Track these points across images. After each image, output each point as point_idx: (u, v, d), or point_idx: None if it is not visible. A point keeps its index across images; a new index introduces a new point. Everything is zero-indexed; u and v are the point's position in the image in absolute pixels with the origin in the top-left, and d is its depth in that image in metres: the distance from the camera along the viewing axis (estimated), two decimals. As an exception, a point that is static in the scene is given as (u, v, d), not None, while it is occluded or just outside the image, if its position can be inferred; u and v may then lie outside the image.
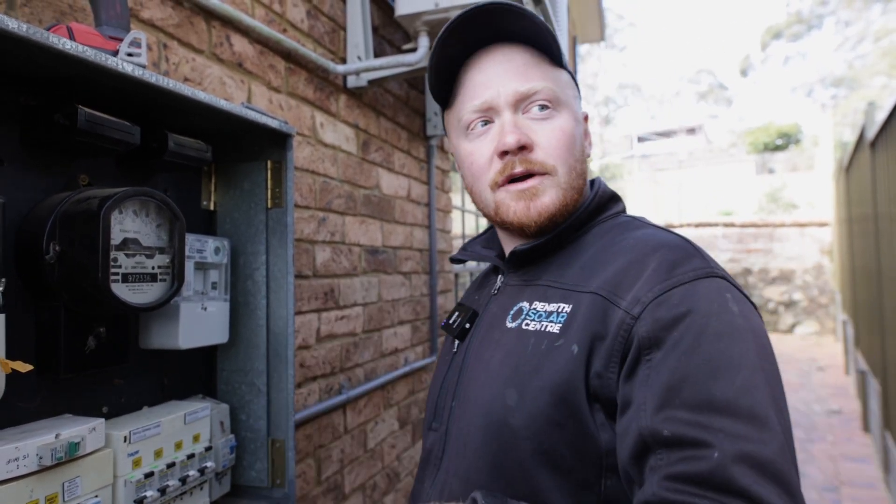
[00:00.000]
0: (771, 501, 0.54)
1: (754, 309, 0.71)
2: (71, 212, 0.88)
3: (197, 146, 1.11)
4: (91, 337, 0.95)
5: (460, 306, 0.96)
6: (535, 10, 2.07)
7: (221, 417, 1.18)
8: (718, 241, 11.36)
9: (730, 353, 0.62)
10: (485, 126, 0.85)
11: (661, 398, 0.61)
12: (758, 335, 0.66)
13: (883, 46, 25.82)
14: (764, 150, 22.55)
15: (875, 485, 3.93)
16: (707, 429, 0.58)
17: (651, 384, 0.63)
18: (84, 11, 1.11)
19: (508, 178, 0.82)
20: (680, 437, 0.59)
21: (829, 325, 10.35)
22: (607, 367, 0.68)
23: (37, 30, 0.73)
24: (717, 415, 0.59)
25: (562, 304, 0.77)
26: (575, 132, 0.84)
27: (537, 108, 0.82)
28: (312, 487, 1.82)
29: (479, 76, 0.85)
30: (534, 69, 0.83)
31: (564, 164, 0.82)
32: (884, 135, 3.87)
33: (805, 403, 6.07)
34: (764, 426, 0.58)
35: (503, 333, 0.82)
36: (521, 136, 0.80)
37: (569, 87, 0.87)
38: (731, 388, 0.60)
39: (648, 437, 0.61)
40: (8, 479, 0.76)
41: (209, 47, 1.44)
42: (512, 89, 0.82)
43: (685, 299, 0.66)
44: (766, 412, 0.59)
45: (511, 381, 0.75)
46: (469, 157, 0.87)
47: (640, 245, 0.76)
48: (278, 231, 1.25)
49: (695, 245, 0.75)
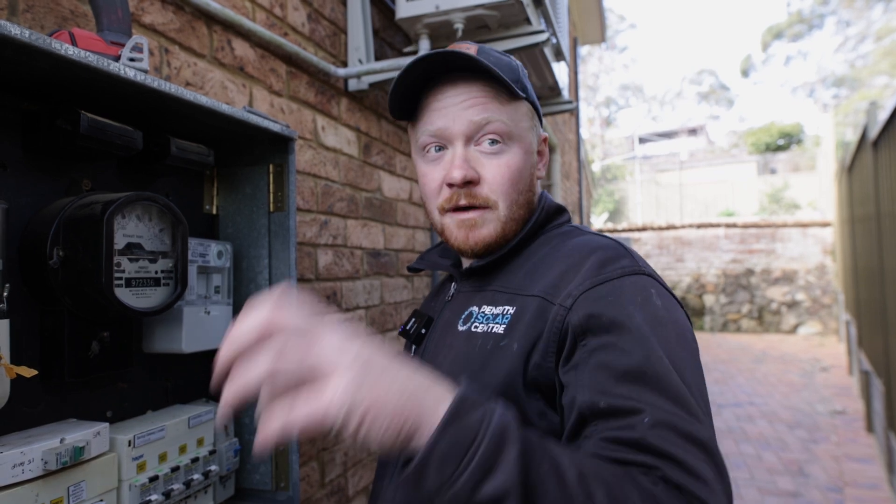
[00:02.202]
0: (697, 466, 0.58)
1: (678, 304, 0.78)
2: (74, 217, 0.88)
3: (199, 150, 1.11)
4: (95, 341, 0.95)
5: (417, 313, 1.02)
6: (535, 12, 2.07)
7: (225, 421, 1.18)
8: (720, 242, 11.34)
9: (655, 338, 0.68)
10: (438, 151, 0.90)
11: (596, 376, 0.67)
12: (679, 325, 0.72)
13: (884, 46, 25.77)
14: (766, 151, 22.51)
15: (879, 485, 3.91)
16: (638, 401, 0.63)
17: (587, 365, 0.69)
18: (86, 17, 1.11)
19: (454, 207, 0.88)
20: (615, 409, 0.64)
21: (832, 326, 10.32)
22: (545, 357, 0.74)
23: (39, 35, 0.73)
24: (648, 390, 0.64)
25: (506, 306, 0.83)
26: (523, 167, 0.89)
27: (488, 142, 0.87)
28: (316, 490, 1.82)
29: (437, 102, 0.89)
30: (491, 102, 0.86)
31: (507, 199, 0.88)
32: (886, 134, 3.86)
33: (808, 404, 6.05)
34: (688, 403, 0.63)
35: (454, 337, 0.88)
36: (467, 172, 0.85)
37: (525, 119, 0.91)
38: (661, 366, 0.65)
39: (586, 411, 0.66)
40: (13, 484, 0.76)
41: (210, 52, 1.44)
42: (466, 120, 0.86)
43: (613, 292, 0.73)
44: (685, 389, 0.65)
45: (460, 379, 0.79)
46: (423, 177, 0.93)
47: (576, 250, 0.83)
48: (280, 235, 1.26)
49: (626, 247, 0.82)
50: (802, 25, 32.29)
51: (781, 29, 33.29)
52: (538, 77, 2.58)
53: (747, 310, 11.00)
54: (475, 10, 1.94)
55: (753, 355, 8.78)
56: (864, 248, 5.41)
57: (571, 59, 7.00)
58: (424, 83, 0.90)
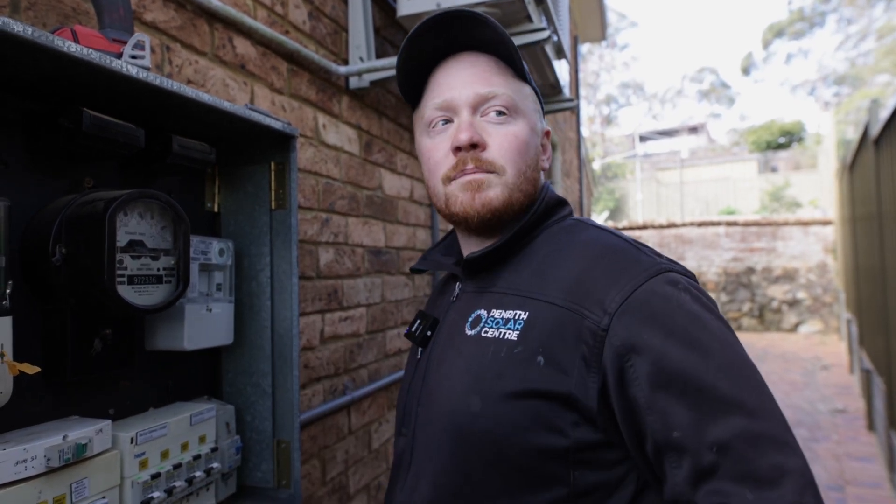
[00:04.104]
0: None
1: (698, 284, 0.78)
2: (76, 214, 0.88)
3: (201, 148, 1.11)
4: (97, 339, 0.95)
5: (422, 314, 0.99)
6: (536, 10, 2.07)
7: (227, 418, 1.18)
8: (721, 240, 11.34)
9: (703, 339, 0.70)
10: (445, 125, 0.89)
11: (656, 403, 0.69)
12: (710, 310, 0.74)
13: (886, 44, 25.72)
14: (766, 149, 22.47)
15: (880, 484, 3.92)
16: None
17: (642, 387, 0.70)
18: (87, 14, 1.11)
19: (461, 174, 0.86)
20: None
21: (833, 324, 10.32)
22: (585, 377, 0.73)
23: (41, 33, 0.73)
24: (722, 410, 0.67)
25: (518, 310, 0.81)
26: (529, 140, 0.88)
27: (495, 112, 0.86)
28: (318, 488, 1.82)
29: (443, 78, 0.89)
30: (497, 76, 0.87)
31: (514, 167, 0.86)
32: (888, 133, 3.86)
33: (809, 402, 6.05)
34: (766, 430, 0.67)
35: (463, 341, 0.85)
36: (473, 135, 0.84)
37: (529, 101, 0.91)
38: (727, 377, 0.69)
39: (662, 443, 0.69)
40: (16, 481, 0.77)
41: (212, 49, 1.44)
42: (472, 91, 0.86)
43: (646, 303, 0.72)
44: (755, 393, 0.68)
45: (473, 388, 0.79)
46: (428, 152, 0.91)
47: (587, 251, 0.82)
48: (282, 232, 1.26)
49: (633, 243, 0.82)
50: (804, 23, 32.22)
51: (782, 27, 33.24)
52: (539, 75, 2.58)
53: (748, 308, 10.99)
54: (476, 8, 1.93)
55: (754, 354, 8.78)
56: (866, 246, 5.41)
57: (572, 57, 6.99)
58: (431, 62, 0.90)
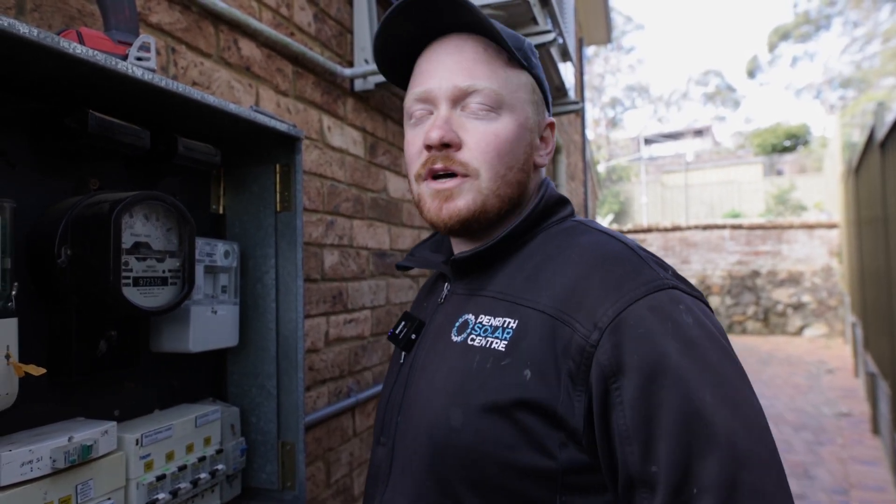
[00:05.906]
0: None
1: (707, 308, 0.72)
2: (82, 216, 0.88)
3: (206, 150, 1.11)
4: (102, 340, 0.95)
5: (407, 315, 0.93)
6: (541, 12, 2.07)
7: (232, 420, 1.18)
8: (726, 244, 11.31)
9: (697, 369, 0.64)
10: (424, 116, 0.82)
11: (638, 432, 0.63)
12: (714, 340, 0.67)
13: (892, 47, 25.65)
14: (772, 152, 22.42)
15: (885, 487, 3.89)
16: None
17: (625, 414, 0.64)
18: (93, 16, 1.12)
19: (430, 174, 0.80)
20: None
21: (838, 328, 10.28)
22: (571, 394, 0.67)
23: (47, 34, 0.73)
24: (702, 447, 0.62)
25: (507, 318, 0.75)
26: (514, 138, 0.80)
27: (475, 106, 0.79)
28: (322, 490, 1.82)
29: (426, 64, 0.83)
30: (482, 66, 0.79)
31: (490, 170, 0.78)
32: (893, 136, 3.84)
33: (814, 406, 6.03)
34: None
35: (448, 348, 0.79)
36: (445, 133, 0.77)
37: (523, 91, 0.83)
38: (712, 405, 0.62)
39: (636, 478, 0.64)
40: (22, 482, 0.77)
41: (217, 51, 1.44)
42: (451, 83, 0.79)
43: (641, 321, 0.66)
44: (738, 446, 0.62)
45: (455, 400, 0.73)
46: (406, 146, 0.85)
47: (585, 257, 0.75)
48: (287, 235, 1.26)
49: (638, 251, 0.75)
50: (809, 26, 32.18)
51: (788, 30, 33.18)
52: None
53: (753, 311, 10.95)
54: (482, 10, 1.93)
55: (759, 357, 8.74)
56: (871, 249, 5.38)
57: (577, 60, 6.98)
58: (417, 44, 0.84)
